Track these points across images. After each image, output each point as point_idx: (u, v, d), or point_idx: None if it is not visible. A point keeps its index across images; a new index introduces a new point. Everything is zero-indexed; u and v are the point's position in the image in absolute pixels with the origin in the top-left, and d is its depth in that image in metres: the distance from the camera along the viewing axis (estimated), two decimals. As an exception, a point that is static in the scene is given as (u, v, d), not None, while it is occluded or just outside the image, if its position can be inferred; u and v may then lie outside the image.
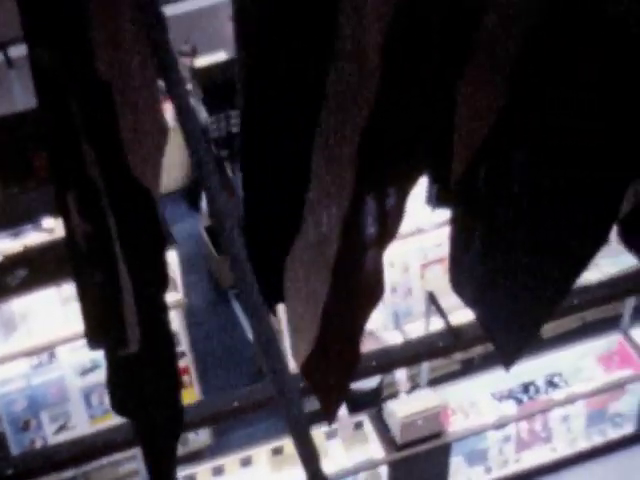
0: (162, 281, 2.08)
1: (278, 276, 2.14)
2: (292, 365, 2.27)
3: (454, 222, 2.24)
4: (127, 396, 2.36)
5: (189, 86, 11.25)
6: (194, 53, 11.36)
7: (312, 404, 3.50)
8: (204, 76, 10.18)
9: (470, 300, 2.36)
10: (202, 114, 10.24)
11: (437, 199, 2.22)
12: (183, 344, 8.47)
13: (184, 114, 1.75)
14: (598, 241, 1.96)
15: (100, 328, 2.30)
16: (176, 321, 8.27)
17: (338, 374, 2.20)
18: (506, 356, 2.44)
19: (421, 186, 2.23)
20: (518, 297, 2.20)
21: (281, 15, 1.71)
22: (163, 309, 2.15)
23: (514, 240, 2.12)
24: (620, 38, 1.62)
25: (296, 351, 2.27)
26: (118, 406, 2.45)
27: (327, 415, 2.38)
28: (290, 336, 2.31)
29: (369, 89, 1.68)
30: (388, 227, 1.87)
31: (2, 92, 10.03)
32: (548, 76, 1.75)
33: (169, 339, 2.23)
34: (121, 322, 2.14)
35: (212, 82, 10.01)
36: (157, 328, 2.14)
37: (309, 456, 1.85)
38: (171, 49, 1.74)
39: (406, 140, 1.80)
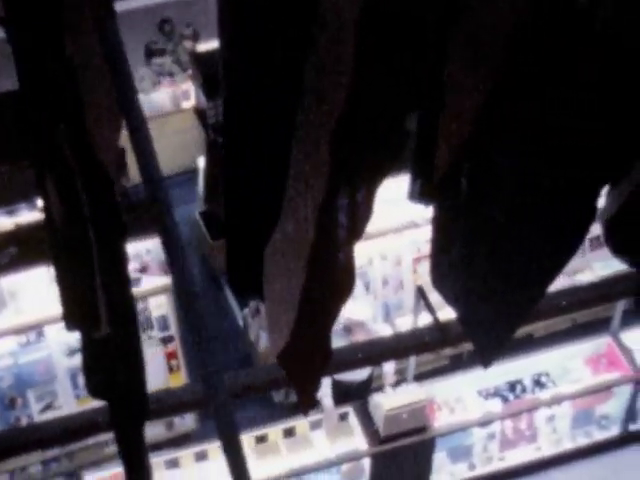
0: (122, 262, 2.09)
1: (256, 268, 2.14)
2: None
3: (436, 219, 2.23)
4: (100, 378, 2.36)
5: (189, 71, 11.25)
6: (195, 38, 11.34)
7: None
8: (204, 61, 10.15)
9: (451, 298, 2.36)
10: (200, 99, 10.23)
11: (419, 195, 2.21)
12: (172, 328, 8.47)
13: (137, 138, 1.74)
14: (574, 244, 1.96)
15: (76, 310, 2.30)
16: (166, 305, 8.28)
17: (312, 365, 2.21)
18: (485, 355, 2.43)
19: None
20: (496, 297, 2.20)
21: (260, 4, 1.71)
22: (127, 293, 2.15)
23: (494, 240, 2.11)
24: (593, 37, 1.62)
25: (273, 341, 2.27)
26: (91, 388, 2.45)
27: (302, 405, 2.39)
28: (268, 326, 2.31)
29: (345, 79, 1.67)
30: (357, 222, 1.87)
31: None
32: (531, 73, 1.75)
33: (133, 322, 2.23)
34: (95, 305, 2.14)
35: (212, 67, 9.99)
36: (121, 311, 2.14)
37: (236, 461, 1.84)
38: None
39: (379, 133, 1.80)
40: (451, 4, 1.70)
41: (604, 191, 2.04)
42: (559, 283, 8.09)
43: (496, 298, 2.20)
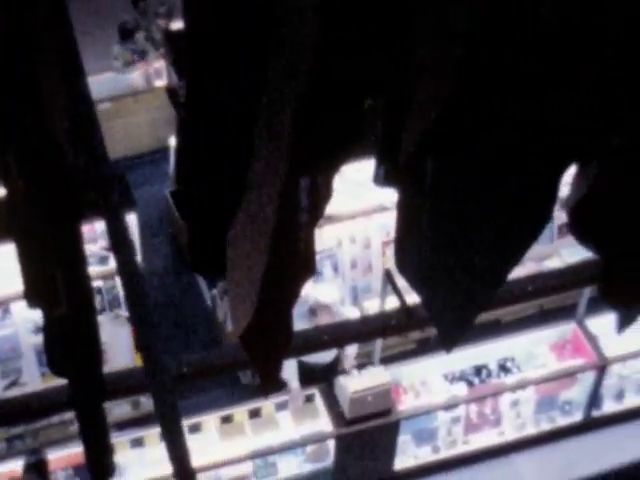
0: (78, 241, 2.08)
1: (220, 249, 2.14)
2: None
3: (401, 203, 2.24)
4: (60, 356, 2.35)
5: (161, 49, 11.17)
6: (170, 16, 11.25)
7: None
8: (176, 40, 10.09)
9: (414, 282, 2.37)
10: (172, 78, 10.17)
11: (384, 179, 2.21)
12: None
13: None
14: (536, 229, 1.97)
15: (36, 288, 2.29)
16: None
17: (274, 347, 2.20)
18: (447, 339, 2.44)
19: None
20: (459, 282, 2.21)
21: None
22: (82, 272, 2.14)
23: (458, 224, 2.12)
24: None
25: (236, 322, 2.27)
26: (52, 366, 2.44)
27: (264, 387, 2.38)
28: (230, 307, 2.30)
29: (307, 61, 1.67)
30: (318, 204, 1.87)
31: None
32: (497, 54, 1.75)
33: (88, 298, 2.23)
34: (54, 283, 2.13)
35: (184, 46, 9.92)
36: (77, 290, 2.14)
37: (177, 448, 1.83)
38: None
39: (341, 116, 1.80)
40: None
41: (569, 179, 2.06)
42: (526, 269, 8.16)
43: (459, 283, 2.21)
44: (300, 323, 8.06)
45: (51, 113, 1.88)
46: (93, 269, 7.72)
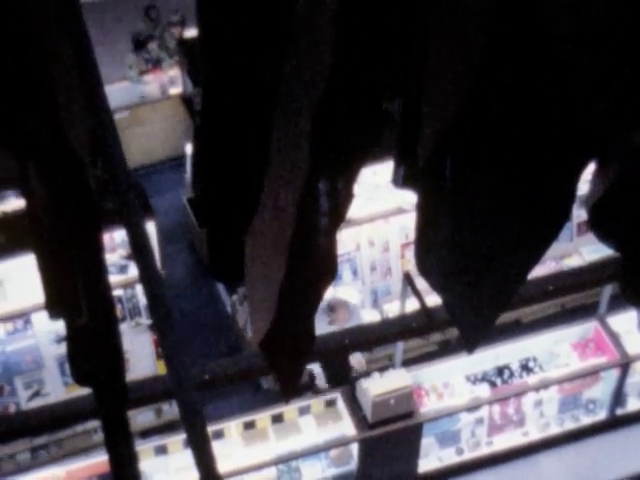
0: (99, 250, 2.09)
1: (238, 255, 2.14)
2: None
3: (420, 205, 2.23)
4: (82, 366, 2.36)
5: (176, 57, 11.20)
6: (183, 24, 11.29)
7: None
8: (191, 48, 10.12)
9: (435, 284, 2.36)
10: (187, 86, 10.20)
11: (403, 181, 2.21)
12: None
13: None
14: (556, 228, 1.96)
15: (57, 298, 2.30)
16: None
17: (294, 354, 2.20)
18: (469, 340, 2.44)
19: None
20: (480, 282, 2.20)
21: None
22: (103, 281, 2.15)
23: (478, 224, 2.11)
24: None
25: (255, 329, 2.27)
26: (76, 375, 2.45)
27: (285, 392, 2.38)
28: (250, 314, 2.30)
29: (324, 65, 1.67)
30: (339, 207, 1.86)
31: None
32: (513, 55, 1.75)
33: (110, 307, 2.23)
34: (75, 293, 2.14)
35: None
36: (98, 296, 2.14)
37: (204, 455, 1.83)
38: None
39: (359, 119, 1.79)
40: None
41: (589, 176, 2.05)
42: (547, 268, 8.15)
43: (479, 283, 2.20)
44: (317, 320, 8.11)
45: (70, 123, 1.89)
46: (113, 278, 7.74)
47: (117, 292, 8.20)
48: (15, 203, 8.22)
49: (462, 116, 1.88)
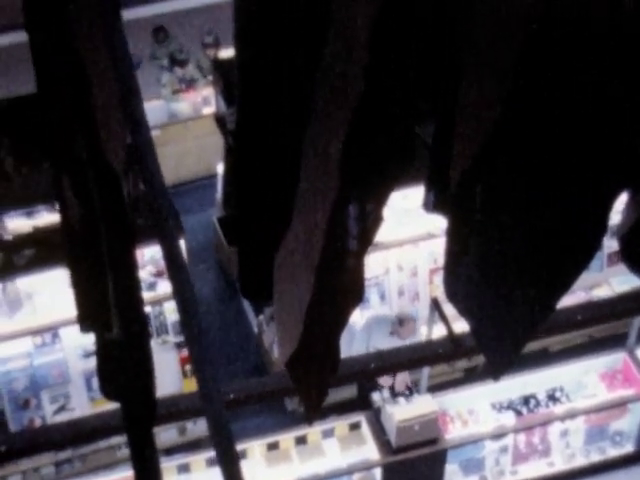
0: (132, 265, 2.11)
1: (267, 274, 2.15)
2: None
3: (450, 231, 2.23)
4: (112, 380, 2.38)
5: (210, 77, 11.28)
6: (217, 45, 11.38)
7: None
8: (225, 68, 10.18)
9: (464, 310, 2.36)
10: (221, 106, 10.26)
11: (434, 206, 2.21)
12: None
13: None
14: (586, 258, 1.95)
15: (89, 312, 2.32)
16: (180, 311, 8.29)
17: (319, 374, 2.20)
18: (495, 368, 2.43)
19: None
20: (508, 310, 2.20)
21: (274, 8, 1.72)
22: (136, 295, 2.16)
23: (508, 252, 2.11)
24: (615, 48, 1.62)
25: (282, 349, 2.28)
26: (105, 390, 2.47)
27: (309, 414, 2.38)
28: (277, 333, 2.31)
29: (356, 89, 1.68)
30: (368, 231, 1.87)
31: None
32: (546, 82, 1.75)
33: (142, 322, 2.25)
34: (107, 307, 2.16)
35: (233, 74, 10.00)
36: (131, 314, 2.16)
37: (232, 473, 1.83)
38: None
39: (390, 143, 1.80)
40: (465, 14, 1.70)
41: (621, 206, 2.04)
42: (576, 298, 8.09)
43: (508, 311, 2.20)
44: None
45: (106, 138, 1.91)
46: (141, 295, 7.78)
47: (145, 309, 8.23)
48: (46, 218, 8.29)
49: (495, 141, 1.89)
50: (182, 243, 8.00)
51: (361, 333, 8.50)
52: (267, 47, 1.80)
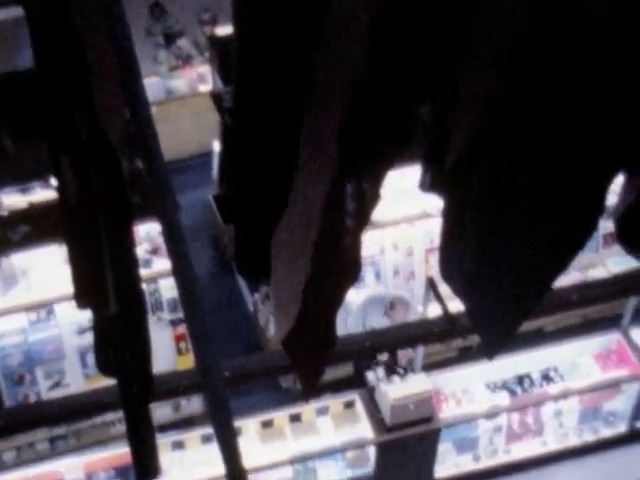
0: (129, 242, 2.11)
1: (264, 253, 2.15)
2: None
3: (446, 210, 2.23)
4: (109, 356, 2.38)
5: (206, 54, 11.25)
6: (214, 22, 11.34)
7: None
8: (222, 45, 10.14)
9: (459, 289, 2.36)
10: (217, 83, 10.23)
11: (430, 185, 2.21)
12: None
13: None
14: (582, 238, 1.95)
15: (86, 288, 2.32)
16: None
17: (316, 352, 2.21)
18: (490, 347, 2.44)
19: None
20: (503, 290, 2.20)
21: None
22: (134, 271, 2.17)
23: (503, 232, 2.11)
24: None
25: (279, 326, 2.28)
26: (101, 365, 2.47)
27: (305, 392, 2.39)
28: (274, 311, 2.31)
29: (354, 67, 1.68)
30: (364, 209, 1.87)
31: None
32: (544, 63, 1.74)
33: (139, 299, 2.25)
34: (104, 284, 2.16)
35: (229, 51, 9.95)
36: (128, 291, 2.16)
37: (230, 447, 1.84)
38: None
39: (388, 121, 1.80)
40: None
41: (617, 187, 2.04)
42: (571, 278, 8.10)
43: (503, 291, 2.20)
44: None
45: (105, 115, 1.91)
46: (137, 272, 7.78)
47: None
48: (41, 194, 8.28)
49: (492, 121, 1.89)
50: (178, 221, 8.00)
51: (357, 312, 8.52)
52: (265, 25, 1.79)
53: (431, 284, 7.24)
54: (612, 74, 1.75)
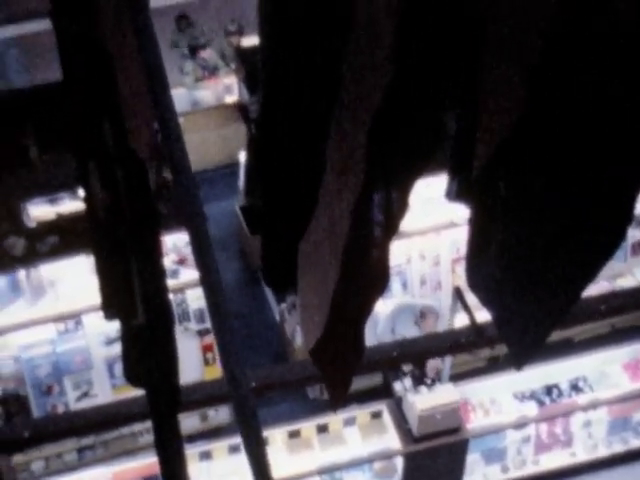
0: (157, 253, 2.12)
1: (291, 263, 2.15)
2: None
3: (473, 220, 2.23)
4: (137, 367, 2.39)
5: (232, 65, 11.29)
6: (240, 33, 11.38)
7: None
8: (248, 56, 10.18)
9: (486, 299, 2.35)
10: (243, 94, 10.27)
11: (457, 195, 2.21)
12: (209, 321, 8.51)
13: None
14: (610, 248, 1.94)
15: (114, 299, 2.33)
16: (203, 298, 8.31)
17: (344, 362, 2.21)
18: (517, 358, 2.42)
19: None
20: (531, 300, 2.19)
21: (299, 3, 1.72)
22: (161, 282, 2.18)
23: (531, 242, 2.10)
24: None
25: (306, 336, 2.28)
26: (129, 375, 2.48)
27: (333, 402, 2.39)
28: (301, 321, 2.32)
29: (382, 77, 1.68)
30: (393, 219, 1.86)
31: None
32: (570, 71, 1.74)
33: (166, 309, 2.26)
34: (132, 294, 2.17)
35: (255, 62, 10.00)
36: (156, 301, 2.17)
37: (259, 458, 1.84)
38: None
39: (415, 131, 1.80)
40: (488, 3, 1.69)
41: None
42: (599, 288, 8.04)
43: (531, 301, 2.19)
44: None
45: (132, 126, 1.92)
46: (164, 283, 7.80)
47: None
48: (69, 205, 8.33)
49: (518, 131, 1.88)
50: (205, 231, 8.02)
51: (386, 321, 8.50)
52: (291, 36, 1.80)
53: (458, 294, 7.21)
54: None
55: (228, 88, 11.63)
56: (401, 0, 1.59)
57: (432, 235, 8.90)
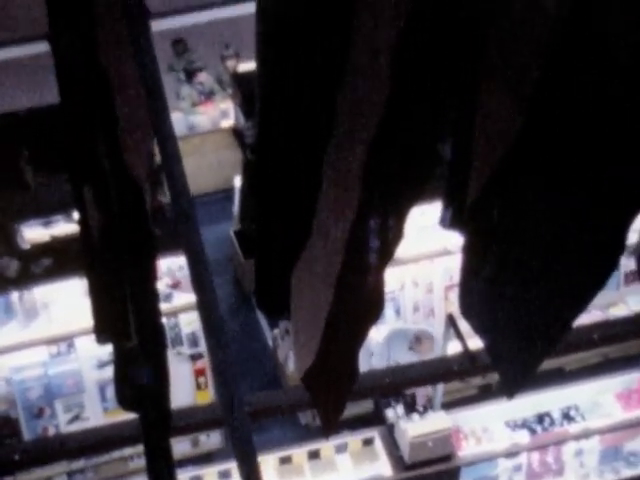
0: (151, 276, 2.12)
1: (284, 288, 2.16)
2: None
3: (466, 247, 2.24)
4: (129, 390, 2.38)
5: (229, 90, 11.33)
6: (237, 58, 11.43)
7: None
8: (244, 81, 10.22)
9: (478, 327, 2.36)
10: (239, 119, 10.30)
11: (451, 222, 2.22)
12: (201, 345, 8.50)
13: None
14: (603, 277, 1.95)
15: (107, 322, 2.33)
16: (196, 322, 8.30)
17: (337, 388, 2.21)
18: (509, 386, 2.43)
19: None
20: (523, 329, 2.20)
21: (296, 28, 1.73)
22: (154, 305, 2.18)
23: (523, 270, 2.11)
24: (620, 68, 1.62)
25: (299, 363, 2.28)
26: (121, 399, 2.48)
27: (325, 428, 2.39)
28: (294, 347, 2.32)
29: (378, 105, 1.69)
30: (389, 245, 1.87)
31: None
32: (565, 100, 1.75)
33: (159, 333, 2.26)
34: (125, 317, 2.17)
35: (252, 87, 10.04)
36: (148, 325, 2.17)
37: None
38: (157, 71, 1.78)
39: (411, 159, 1.81)
40: (483, 33, 1.71)
41: (638, 225, 2.04)
42: (592, 317, 8.03)
43: (523, 329, 2.20)
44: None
45: (128, 149, 1.93)
46: (157, 306, 7.78)
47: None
48: (63, 227, 8.33)
49: (512, 158, 1.89)
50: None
51: (381, 347, 8.50)
52: (288, 62, 1.81)
53: (451, 321, 7.21)
54: (637, 110, 1.75)
55: (224, 113, 11.68)
56: (400, 28, 1.60)
57: (426, 262, 8.91)
